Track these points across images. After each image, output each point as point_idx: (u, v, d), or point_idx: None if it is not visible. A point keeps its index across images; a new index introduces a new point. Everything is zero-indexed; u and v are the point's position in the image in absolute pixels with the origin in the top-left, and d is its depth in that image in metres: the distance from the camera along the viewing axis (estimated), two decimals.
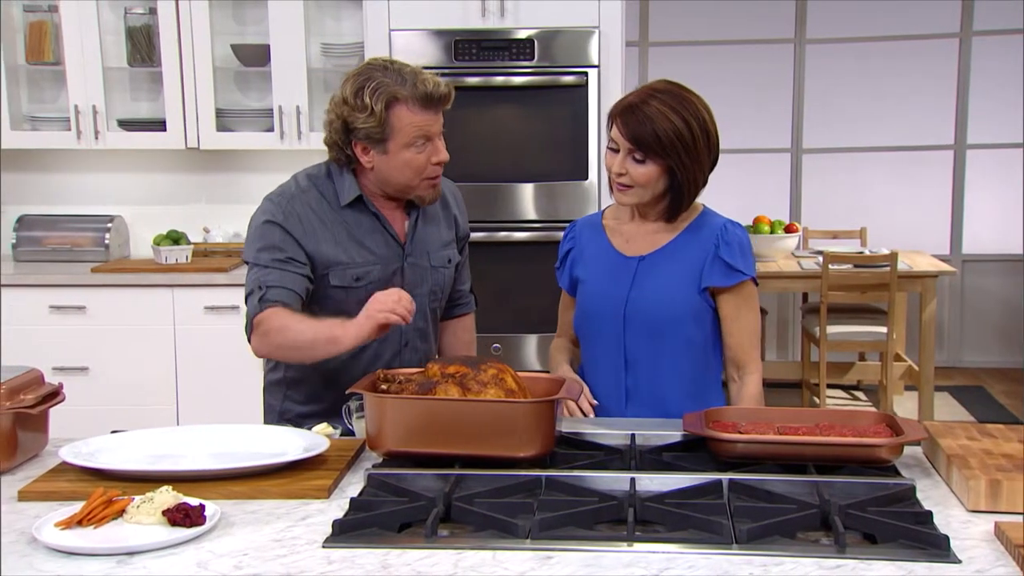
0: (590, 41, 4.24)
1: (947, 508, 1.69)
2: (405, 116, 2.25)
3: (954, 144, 6.95)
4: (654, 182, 2.21)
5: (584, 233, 2.41)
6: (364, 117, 2.24)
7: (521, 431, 1.82)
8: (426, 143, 2.29)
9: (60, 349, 4.28)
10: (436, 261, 2.47)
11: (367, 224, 2.37)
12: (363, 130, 2.26)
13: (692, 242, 2.28)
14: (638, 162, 2.19)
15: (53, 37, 4.62)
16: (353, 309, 2.23)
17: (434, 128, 2.30)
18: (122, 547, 1.52)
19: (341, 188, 2.36)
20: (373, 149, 2.29)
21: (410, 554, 1.50)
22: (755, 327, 2.31)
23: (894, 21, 6.84)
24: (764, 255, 5.64)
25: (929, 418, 5.37)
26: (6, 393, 1.90)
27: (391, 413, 1.86)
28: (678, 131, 2.16)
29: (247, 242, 2.36)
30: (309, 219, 2.32)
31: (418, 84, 2.26)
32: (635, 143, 2.17)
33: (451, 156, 2.37)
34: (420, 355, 2.47)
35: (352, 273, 2.34)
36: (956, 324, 7.02)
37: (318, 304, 2.35)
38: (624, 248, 2.32)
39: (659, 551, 1.51)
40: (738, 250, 2.26)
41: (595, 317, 2.32)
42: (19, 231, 4.72)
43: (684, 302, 2.25)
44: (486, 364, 1.93)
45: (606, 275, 2.32)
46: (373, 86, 2.24)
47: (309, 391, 2.43)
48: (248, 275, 2.33)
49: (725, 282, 2.25)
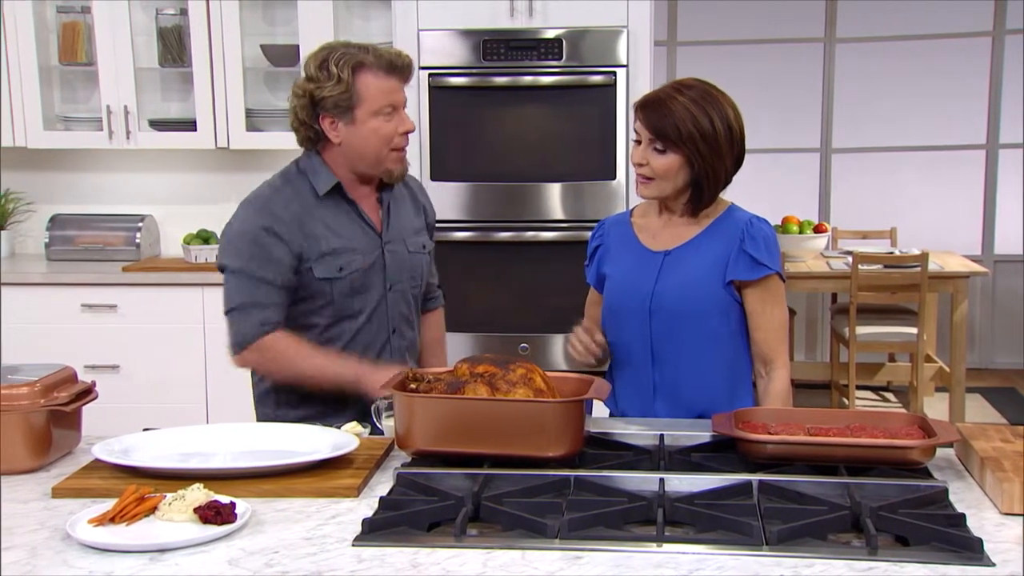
0: (618, 41, 4.23)
1: (980, 511, 1.67)
2: (372, 82, 2.31)
3: (986, 144, 6.88)
4: (674, 174, 2.23)
5: (612, 230, 2.43)
6: (331, 85, 2.29)
7: (550, 431, 1.82)
8: (393, 112, 2.34)
9: (92, 347, 4.32)
10: (412, 247, 2.51)
11: (343, 216, 2.40)
12: (331, 99, 2.30)
13: (717, 236, 2.29)
14: (659, 152, 2.22)
15: (86, 38, 4.66)
16: (338, 300, 2.35)
17: (399, 97, 2.36)
18: (154, 544, 1.54)
19: (317, 180, 2.39)
20: (340, 121, 2.33)
21: (439, 553, 1.51)
22: (782, 322, 2.31)
23: (925, 20, 6.78)
24: (793, 255, 5.61)
25: (960, 420, 5.32)
26: (40, 390, 1.92)
27: (420, 412, 1.87)
28: (698, 123, 2.19)
29: (227, 247, 2.37)
30: (289, 216, 2.34)
31: (381, 52, 2.33)
32: (655, 133, 2.21)
33: (480, 156, 2.40)
34: (407, 342, 2.51)
35: (336, 263, 2.37)
36: (987, 325, 6.95)
37: (304, 299, 2.37)
38: (651, 243, 2.34)
39: (689, 552, 1.50)
40: (763, 244, 2.26)
41: (621, 311, 2.34)
42: (52, 230, 4.76)
43: (709, 295, 2.26)
44: (515, 364, 1.94)
45: (632, 269, 2.33)
46: (337, 56, 2.31)
47: (302, 393, 2.41)
48: (232, 282, 2.34)
49: (750, 275, 2.25)
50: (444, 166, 4.28)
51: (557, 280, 4.33)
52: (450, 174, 4.29)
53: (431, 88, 4.25)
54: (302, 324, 2.39)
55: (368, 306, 2.42)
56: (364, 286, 2.40)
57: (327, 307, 2.38)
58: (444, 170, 4.29)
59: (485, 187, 4.26)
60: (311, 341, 2.38)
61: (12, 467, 1.90)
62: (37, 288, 4.40)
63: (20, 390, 1.91)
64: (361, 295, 2.40)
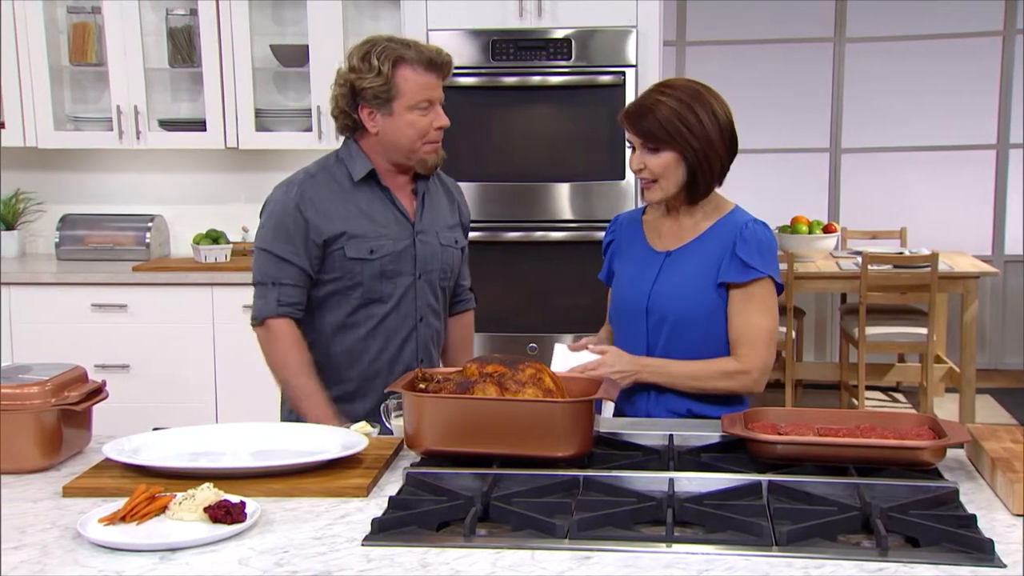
0: (627, 41, 4.23)
1: (991, 512, 1.67)
2: (410, 76, 2.37)
3: (996, 143, 6.86)
4: (672, 171, 2.24)
5: (624, 227, 2.46)
6: (372, 77, 2.37)
7: (559, 431, 1.82)
8: (429, 107, 2.41)
9: (102, 347, 4.33)
10: (445, 240, 2.57)
11: (377, 202, 2.48)
12: (370, 90, 2.37)
13: (715, 239, 2.30)
14: (652, 151, 2.24)
15: (96, 38, 4.68)
16: (368, 283, 2.43)
17: (436, 93, 2.43)
18: (164, 543, 1.54)
19: (352, 166, 2.47)
20: (379, 112, 2.40)
21: (448, 553, 1.51)
22: (761, 328, 2.25)
23: (935, 20, 6.76)
24: (802, 255, 5.60)
25: (970, 421, 5.30)
26: (51, 390, 1.93)
27: (429, 412, 1.87)
28: (683, 118, 2.21)
29: (260, 227, 2.48)
30: (321, 198, 2.44)
31: (421, 49, 2.40)
32: (644, 136, 2.24)
33: (489, 156, 2.42)
34: (432, 331, 2.57)
35: (367, 245, 2.44)
36: (998, 326, 6.93)
37: (336, 279, 2.44)
38: (656, 243, 2.37)
39: (698, 552, 1.50)
40: (755, 248, 2.25)
41: (623, 310, 2.37)
42: (62, 230, 4.78)
43: (702, 297, 2.27)
44: (524, 364, 1.94)
45: (635, 269, 2.36)
46: (380, 49, 2.38)
47: (332, 374, 2.50)
48: (258, 258, 2.46)
49: (740, 279, 2.25)
50: (453, 166, 4.22)
51: (566, 280, 4.33)
52: (459, 174, 4.24)
53: None
54: (333, 305, 2.47)
55: (397, 292, 2.48)
56: (394, 271, 2.47)
57: (357, 288, 2.45)
58: (453, 170, 4.23)
59: (494, 187, 4.26)
60: (340, 322, 2.47)
61: (23, 466, 1.90)
62: (47, 288, 4.42)
63: (31, 389, 1.92)
64: (391, 280, 2.46)
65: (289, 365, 2.42)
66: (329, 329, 2.49)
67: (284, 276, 2.42)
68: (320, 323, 2.49)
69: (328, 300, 2.47)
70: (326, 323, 2.48)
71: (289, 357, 2.42)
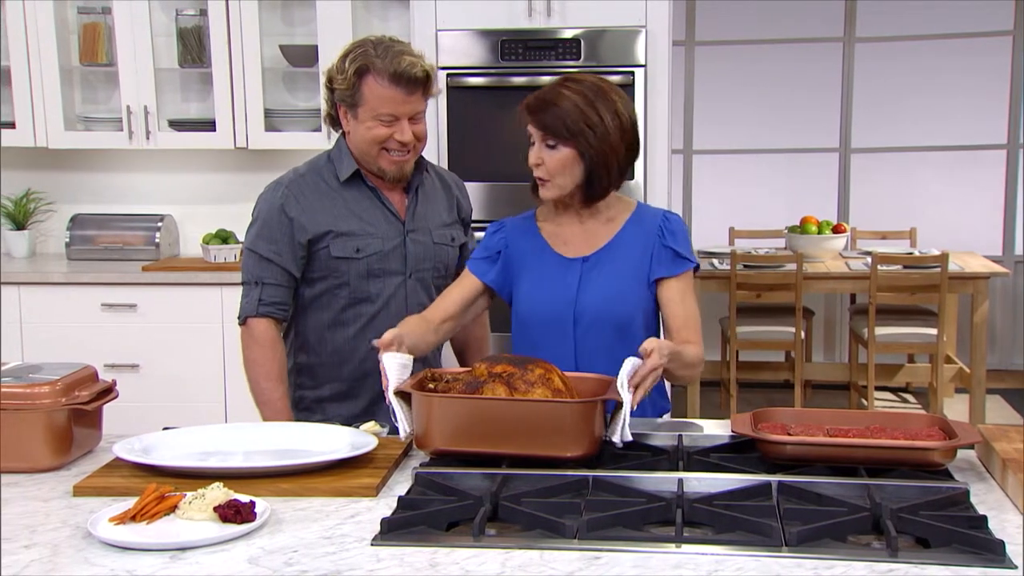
0: (636, 41, 4.23)
1: (1002, 513, 1.66)
2: (374, 87, 2.35)
3: (1007, 143, 6.83)
4: (569, 168, 2.20)
5: (517, 234, 2.35)
6: (340, 79, 2.38)
7: (568, 431, 1.82)
8: (393, 120, 2.37)
9: (112, 346, 4.34)
10: (438, 238, 2.55)
11: (366, 201, 2.48)
12: (339, 92, 2.39)
13: (634, 236, 2.27)
14: (550, 148, 2.20)
15: (106, 39, 4.69)
16: (354, 282, 2.43)
17: (402, 108, 2.37)
18: (175, 543, 1.54)
19: (340, 166, 2.47)
20: (348, 112, 2.41)
21: (458, 553, 1.51)
22: (697, 313, 2.27)
23: (945, 19, 6.73)
24: (812, 255, 5.58)
25: (980, 421, 5.28)
26: (62, 389, 1.93)
27: (438, 412, 1.87)
28: (584, 113, 2.17)
29: (249, 226, 2.50)
30: (307, 198, 2.44)
31: (393, 61, 2.34)
32: (544, 129, 2.20)
33: (498, 156, 2.41)
34: None
35: (353, 244, 2.43)
36: (1008, 326, 6.90)
37: (323, 278, 2.45)
38: (563, 250, 2.30)
39: (708, 553, 1.50)
40: (682, 238, 2.27)
41: (542, 324, 2.28)
42: (72, 230, 4.79)
43: (636, 298, 2.25)
44: (533, 364, 1.94)
45: (548, 280, 2.28)
46: (355, 54, 2.38)
47: (323, 374, 2.52)
48: (245, 257, 2.49)
49: (673, 271, 2.25)
50: (462, 166, 4.28)
51: None
52: (468, 174, 4.25)
53: (449, 88, 4.25)
54: (322, 304, 2.47)
55: (386, 291, 2.47)
56: (382, 270, 2.46)
57: (344, 287, 2.45)
58: (462, 170, 4.26)
59: (503, 187, 4.26)
60: (330, 321, 2.47)
61: (34, 465, 1.91)
62: (58, 287, 4.43)
63: (42, 389, 1.92)
64: (378, 279, 2.46)
65: (260, 367, 2.42)
66: (319, 329, 2.49)
67: (267, 276, 2.43)
68: (311, 322, 2.50)
69: (318, 299, 2.48)
70: (316, 323, 2.49)
71: (261, 359, 2.42)
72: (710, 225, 6.73)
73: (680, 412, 5.25)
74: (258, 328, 2.43)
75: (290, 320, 2.52)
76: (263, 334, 2.43)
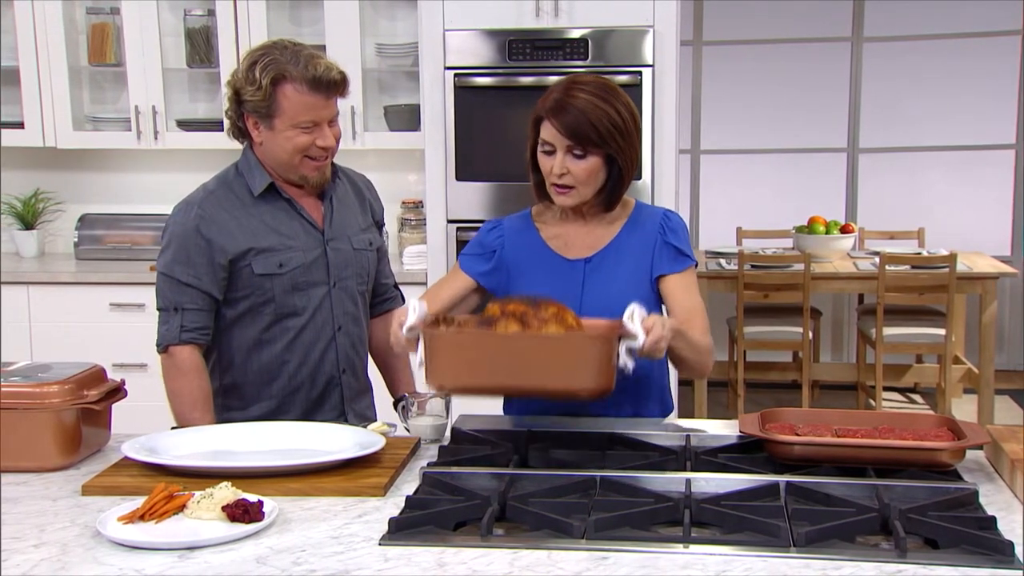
0: (644, 40, 4.22)
1: (1011, 513, 1.66)
2: (292, 95, 2.27)
3: (1016, 143, 6.81)
4: (596, 176, 2.15)
5: (515, 235, 2.30)
6: (252, 91, 2.27)
7: (581, 364, 1.81)
8: (313, 127, 2.31)
9: (120, 346, 4.35)
10: (358, 244, 2.49)
11: (282, 214, 2.39)
12: (251, 103, 2.29)
13: (635, 235, 2.24)
14: (578, 158, 2.12)
15: (115, 39, 4.70)
16: (280, 297, 2.35)
17: (322, 114, 2.31)
18: (183, 542, 1.55)
19: (252, 181, 2.38)
20: (261, 124, 2.32)
21: (466, 552, 1.51)
22: (703, 307, 2.23)
23: (953, 19, 6.71)
24: (819, 256, 5.57)
25: (989, 422, 5.27)
26: (71, 389, 1.94)
27: (449, 348, 1.85)
28: (611, 118, 2.11)
29: (161, 249, 2.38)
30: (222, 216, 2.35)
31: (309, 66, 2.28)
32: (573, 138, 2.10)
33: (505, 156, 2.39)
34: (353, 338, 2.49)
35: (275, 259, 2.35)
36: (1017, 326, 6.88)
37: (246, 296, 2.36)
38: (564, 251, 2.26)
39: (715, 553, 1.50)
40: (683, 235, 2.25)
41: None
42: (80, 230, 4.80)
43: (640, 297, 2.17)
44: (546, 302, 1.91)
45: (550, 282, 2.23)
46: (266, 62, 2.28)
47: (251, 393, 2.42)
48: (160, 283, 2.36)
49: (675, 268, 2.22)
50: (469, 166, 4.28)
51: None
52: (475, 174, 4.29)
53: (456, 88, 4.25)
54: (246, 323, 2.38)
55: (311, 304, 2.40)
56: (307, 283, 2.39)
57: (269, 304, 2.36)
58: (469, 170, 4.29)
59: (510, 187, 4.25)
60: (255, 339, 2.39)
61: (43, 464, 1.92)
62: (66, 287, 4.44)
63: (51, 388, 1.93)
64: (303, 292, 2.39)
65: (186, 396, 2.32)
66: (244, 348, 2.40)
67: (187, 301, 2.32)
68: (234, 343, 2.40)
69: (241, 319, 2.38)
70: (240, 342, 2.40)
71: (187, 388, 2.33)
72: (717, 225, 6.73)
73: (687, 412, 5.24)
74: (181, 355, 2.32)
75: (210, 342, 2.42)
76: (187, 361, 2.32)
